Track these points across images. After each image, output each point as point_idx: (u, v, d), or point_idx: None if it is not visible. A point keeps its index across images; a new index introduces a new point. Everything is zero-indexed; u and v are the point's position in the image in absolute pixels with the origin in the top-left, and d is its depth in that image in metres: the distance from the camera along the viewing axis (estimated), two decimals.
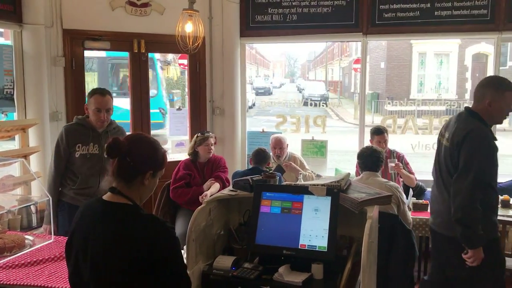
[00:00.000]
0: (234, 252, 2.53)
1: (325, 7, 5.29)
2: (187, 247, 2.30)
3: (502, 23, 4.86)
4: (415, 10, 5.03)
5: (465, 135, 2.80)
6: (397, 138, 5.42)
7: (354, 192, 2.47)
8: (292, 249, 2.29)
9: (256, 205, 2.42)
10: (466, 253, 2.79)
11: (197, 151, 4.46)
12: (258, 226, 2.38)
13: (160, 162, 1.84)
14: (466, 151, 2.78)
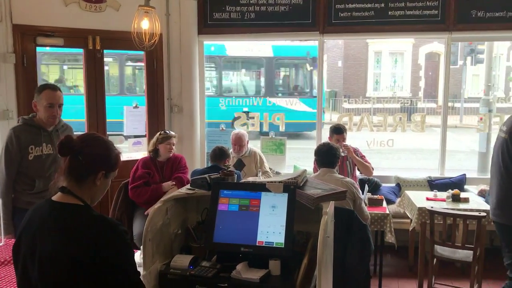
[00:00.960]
0: (192, 251, 2.51)
1: (283, 6, 5.34)
2: (143, 247, 2.27)
3: (452, 24, 5.05)
4: (370, 10, 5.16)
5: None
6: (353, 135, 5.54)
7: (311, 189, 2.50)
8: (249, 246, 2.30)
9: (214, 203, 2.42)
10: None
11: (157, 149, 4.41)
12: (216, 224, 2.38)
13: (113, 162, 1.80)
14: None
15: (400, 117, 5.58)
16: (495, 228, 3.43)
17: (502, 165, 3.16)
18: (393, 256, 4.97)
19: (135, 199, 4.32)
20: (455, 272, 4.63)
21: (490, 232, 4.88)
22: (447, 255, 4.06)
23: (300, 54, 11.69)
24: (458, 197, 4.45)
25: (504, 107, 12.59)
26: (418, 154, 10.26)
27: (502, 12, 4.95)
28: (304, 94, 12.04)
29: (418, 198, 4.53)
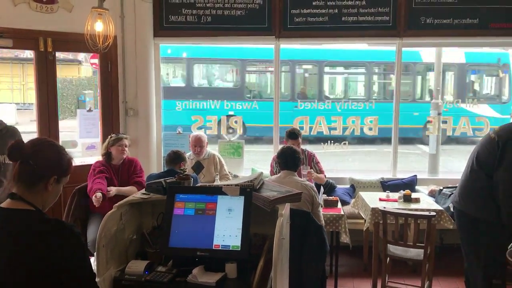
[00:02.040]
0: (148, 257, 2.48)
1: (239, 10, 5.36)
2: (97, 254, 2.22)
3: (403, 30, 5.23)
4: (324, 15, 5.26)
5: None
6: (309, 137, 5.63)
7: (267, 191, 2.53)
8: (206, 250, 2.30)
9: (169, 207, 2.40)
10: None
11: (110, 152, 4.35)
12: (172, 229, 2.36)
13: (65, 167, 1.76)
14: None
15: (354, 120, 5.72)
16: (454, 213, 3.58)
17: (475, 161, 3.30)
18: (348, 256, 5.07)
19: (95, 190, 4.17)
20: (407, 271, 4.78)
21: (440, 231, 5.08)
22: (400, 254, 4.19)
23: (491, 60, 11.82)
24: (409, 197, 4.59)
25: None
26: (372, 156, 10.52)
27: (449, 19, 5.16)
28: (494, 99, 12.22)
29: (372, 199, 4.65)
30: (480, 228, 3.26)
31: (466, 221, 3.37)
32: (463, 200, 3.36)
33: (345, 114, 6.01)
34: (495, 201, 3.15)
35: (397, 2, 5.18)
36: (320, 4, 5.26)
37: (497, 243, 3.19)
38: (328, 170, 5.71)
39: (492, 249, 3.22)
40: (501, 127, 3.27)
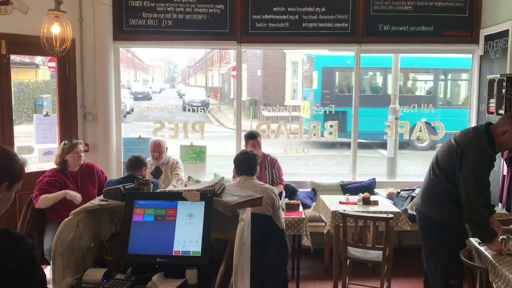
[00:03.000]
0: (106, 264, 2.44)
1: (200, 14, 5.35)
2: (53, 262, 2.17)
3: (361, 36, 5.35)
4: (285, 21, 5.33)
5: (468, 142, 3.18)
6: (271, 142, 5.67)
7: (228, 196, 2.54)
8: (165, 257, 2.28)
9: (128, 214, 2.37)
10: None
11: (65, 160, 4.21)
12: (131, 236, 2.33)
13: (17, 173, 1.71)
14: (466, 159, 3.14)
15: (315, 124, 5.80)
16: (416, 215, 3.68)
17: (436, 165, 3.41)
18: (309, 259, 5.12)
19: (41, 206, 4.05)
20: (367, 272, 4.87)
21: (398, 232, 5.21)
22: (359, 256, 4.27)
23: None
24: (368, 200, 4.69)
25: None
26: (332, 160, 10.69)
27: (405, 26, 5.33)
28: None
29: (332, 202, 4.72)
30: (439, 229, 3.37)
31: (427, 223, 3.48)
32: (425, 202, 3.46)
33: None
34: (455, 204, 3.27)
35: (355, 9, 5.30)
36: (280, 10, 5.32)
37: (455, 245, 3.29)
38: (290, 174, 5.78)
39: (450, 250, 3.31)
40: (461, 133, 3.36)
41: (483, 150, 3.15)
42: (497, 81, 4.43)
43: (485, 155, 3.15)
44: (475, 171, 3.13)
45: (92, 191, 4.30)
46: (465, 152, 3.18)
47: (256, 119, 17.03)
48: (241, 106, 5.78)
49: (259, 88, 20.58)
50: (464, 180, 3.17)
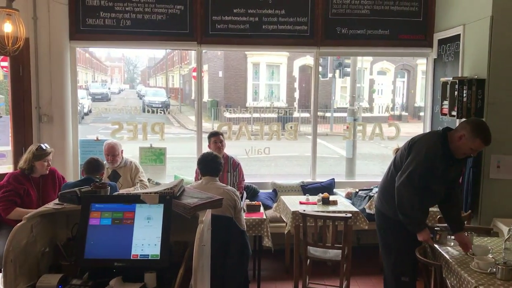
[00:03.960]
0: (62, 270, 2.38)
1: (160, 15, 5.30)
2: (4, 269, 2.09)
3: (320, 39, 5.43)
4: (245, 23, 5.34)
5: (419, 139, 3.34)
6: (233, 143, 5.67)
7: (187, 198, 2.52)
8: (123, 260, 2.24)
9: (85, 217, 2.31)
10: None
11: (33, 166, 4.06)
12: (87, 240, 2.28)
13: None
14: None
15: (276, 125, 5.84)
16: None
17: (393, 163, 3.52)
18: (270, 260, 5.15)
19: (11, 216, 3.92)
20: (327, 271, 4.94)
21: (357, 231, 5.32)
22: (319, 255, 4.33)
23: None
24: (327, 200, 4.76)
25: (368, 116, 13.81)
26: (293, 161, 10.80)
27: (363, 29, 5.45)
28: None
29: (292, 202, 4.77)
30: (391, 226, 3.47)
31: (381, 220, 3.58)
32: (380, 200, 3.57)
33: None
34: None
35: (314, 13, 5.38)
36: (241, 12, 5.33)
37: (406, 242, 3.38)
38: (252, 176, 5.80)
39: (400, 247, 3.42)
40: (415, 139, 3.45)
41: (429, 148, 3.24)
42: (450, 84, 4.59)
43: (430, 153, 3.22)
44: (416, 165, 3.23)
45: (54, 197, 4.16)
46: (413, 147, 3.32)
47: (217, 120, 17.00)
48: (203, 107, 5.75)
49: (220, 89, 20.54)
50: (401, 171, 3.30)
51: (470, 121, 3.35)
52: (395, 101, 22.76)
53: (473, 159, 4.31)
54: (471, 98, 4.30)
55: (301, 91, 20.46)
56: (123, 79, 44.13)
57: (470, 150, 3.19)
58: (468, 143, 3.16)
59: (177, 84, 31.15)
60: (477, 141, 3.14)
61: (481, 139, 3.13)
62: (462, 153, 3.24)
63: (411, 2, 5.42)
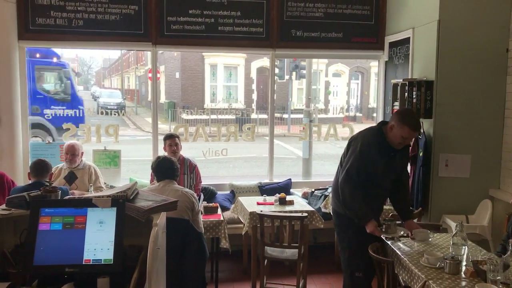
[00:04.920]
0: (10, 278, 2.29)
1: (113, 15, 5.20)
2: None
3: (275, 41, 5.49)
4: (201, 24, 5.32)
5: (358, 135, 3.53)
6: (190, 145, 5.63)
7: (141, 201, 2.49)
8: (75, 266, 2.19)
9: (34, 223, 2.24)
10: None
11: None
12: (36, 246, 2.21)
13: None
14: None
15: (233, 127, 5.85)
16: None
17: (339, 164, 3.65)
18: (228, 261, 5.15)
19: None
20: (284, 271, 4.99)
21: (314, 230, 5.40)
22: (276, 255, 4.36)
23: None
24: (284, 200, 4.81)
25: (324, 117, 14.06)
26: (251, 162, 10.84)
27: (317, 32, 5.54)
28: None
29: (250, 203, 4.79)
30: (344, 223, 3.57)
31: (335, 218, 3.68)
32: (333, 198, 3.68)
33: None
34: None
35: (270, 15, 5.43)
36: (196, 13, 5.31)
37: (358, 238, 3.47)
38: (210, 177, 5.78)
39: (353, 242, 3.53)
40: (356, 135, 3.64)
41: (363, 144, 3.39)
42: (400, 85, 4.74)
43: (364, 148, 3.37)
44: (352, 161, 3.38)
45: (2, 202, 3.99)
46: (351, 144, 3.50)
47: (174, 122, 16.83)
48: (160, 109, 5.68)
49: (177, 90, 20.36)
50: (342, 168, 3.47)
51: (398, 111, 3.59)
52: (349, 102, 23.28)
53: (422, 158, 4.48)
54: (420, 99, 4.46)
55: (259, 92, 20.57)
56: (77, 80, 42.96)
57: (402, 138, 3.34)
58: (398, 132, 3.33)
59: (133, 85, 30.62)
60: (406, 129, 3.30)
61: (408, 127, 3.30)
62: (397, 143, 3.38)
63: (363, 6, 5.56)
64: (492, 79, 4.46)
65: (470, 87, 4.45)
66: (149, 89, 25.07)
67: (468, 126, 4.48)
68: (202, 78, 19.87)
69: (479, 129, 4.49)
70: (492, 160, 4.54)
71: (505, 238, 3.31)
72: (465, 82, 4.44)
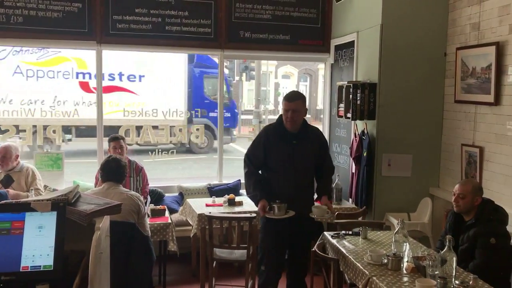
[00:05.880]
0: None
1: (55, 12, 5.02)
2: None
3: (224, 42, 5.48)
4: (148, 23, 5.24)
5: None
6: (137, 146, 5.52)
7: (84, 204, 2.41)
8: (12, 274, 2.09)
9: None
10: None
11: None
12: None
13: None
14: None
15: (183, 127, 5.80)
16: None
17: None
18: (176, 264, 5.09)
19: None
20: (233, 272, 4.99)
21: None
22: (225, 256, 4.35)
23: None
24: (233, 201, 4.81)
25: (274, 118, 14.09)
26: (201, 163, 10.77)
27: (265, 34, 5.58)
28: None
29: (199, 205, 4.74)
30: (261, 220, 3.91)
31: None
32: None
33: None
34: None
35: (218, 16, 5.42)
36: (143, 12, 5.22)
37: (266, 235, 3.83)
38: (158, 180, 5.69)
39: (263, 239, 3.85)
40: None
41: (262, 130, 3.94)
42: (345, 87, 4.86)
43: (260, 135, 3.86)
44: (250, 145, 3.91)
45: None
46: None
47: None
48: None
49: None
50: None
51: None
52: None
53: (366, 158, 4.61)
54: (364, 101, 4.59)
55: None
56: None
57: (285, 112, 3.67)
58: (283, 108, 3.76)
59: None
60: (283, 102, 3.75)
61: (284, 99, 3.75)
62: (286, 121, 3.69)
63: (310, 9, 5.65)
64: (432, 81, 4.66)
65: (411, 90, 4.63)
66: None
67: (409, 127, 4.66)
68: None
69: (420, 130, 4.68)
70: (432, 160, 4.74)
71: (443, 234, 3.47)
72: (406, 85, 4.62)
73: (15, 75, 5.52)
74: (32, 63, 5.61)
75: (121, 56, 5.85)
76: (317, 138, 3.87)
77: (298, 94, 3.82)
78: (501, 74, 3.83)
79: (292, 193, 3.73)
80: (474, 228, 3.21)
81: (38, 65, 5.61)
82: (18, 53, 5.55)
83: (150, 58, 5.99)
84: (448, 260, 2.67)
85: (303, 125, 3.77)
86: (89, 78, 5.77)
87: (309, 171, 3.85)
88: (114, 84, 5.89)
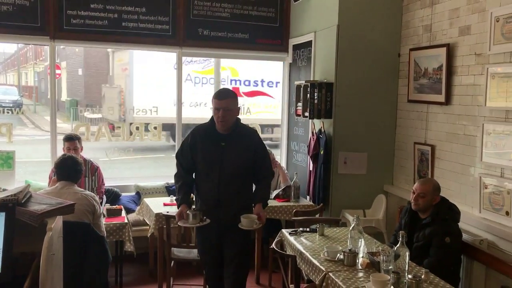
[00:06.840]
0: None
1: (5, 5, 4.83)
2: None
3: (182, 39, 5.43)
4: (104, 19, 5.12)
5: None
6: (92, 145, 5.40)
7: (35, 205, 2.33)
8: None
9: None
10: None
11: None
12: None
13: None
14: None
15: (139, 126, 5.71)
16: None
17: None
18: (133, 264, 5.01)
19: None
20: (191, 271, 4.95)
21: None
22: (183, 256, 4.33)
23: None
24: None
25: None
26: (159, 162, 10.62)
27: (224, 32, 5.57)
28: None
29: (156, 204, 4.67)
30: None
31: None
32: None
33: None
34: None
35: (176, 12, 5.35)
36: (98, 7, 5.09)
37: (201, 238, 3.62)
38: (112, 179, 5.57)
39: (200, 243, 3.67)
40: None
41: (191, 131, 3.55)
42: (303, 87, 4.92)
43: (188, 137, 3.53)
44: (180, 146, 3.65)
45: None
46: None
47: (77, 120, 15.99)
48: (61, 107, 5.38)
49: (80, 88, 19.37)
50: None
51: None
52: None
53: (323, 156, 4.69)
54: (321, 100, 4.66)
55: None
56: None
57: (216, 111, 3.36)
58: (213, 107, 3.43)
59: (32, 82, 28.64)
60: (213, 100, 3.40)
61: (213, 96, 3.42)
62: (217, 121, 3.37)
63: (269, 8, 5.68)
64: (386, 81, 4.79)
65: (366, 89, 4.74)
66: (48, 86, 23.62)
67: (365, 126, 4.77)
68: (107, 76, 19.10)
69: (375, 129, 4.80)
70: (386, 158, 4.87)
71: (397, 229, 3.57)
72: (362, 84, 4.72)
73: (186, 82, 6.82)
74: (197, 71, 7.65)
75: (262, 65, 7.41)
76: (251, 141, 3.49)
77: (230, 91, 3.52)
78: (451, 75, 3.97)
79: (219, 199, 3.39)
80: (430, 227, 3.33)
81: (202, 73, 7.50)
82: (190, 63, 7.45)
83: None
84: (401, 255, 2.75)
85: (235, 125, 3.44)
86: (239, 84, 7.58)
87: (240, 176, 3.42)
88: (257, 89, 7.71)
